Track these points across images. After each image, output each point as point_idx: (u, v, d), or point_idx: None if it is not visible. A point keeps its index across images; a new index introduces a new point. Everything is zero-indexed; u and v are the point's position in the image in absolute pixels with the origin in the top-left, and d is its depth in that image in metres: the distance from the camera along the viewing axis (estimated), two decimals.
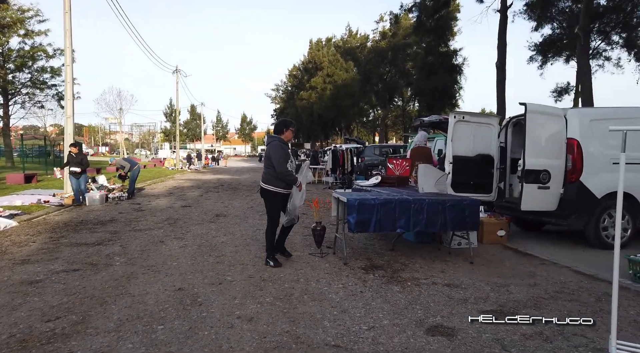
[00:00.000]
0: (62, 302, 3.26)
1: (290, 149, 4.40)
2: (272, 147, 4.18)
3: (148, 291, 3.50)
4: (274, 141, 4.23)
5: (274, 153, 4.13)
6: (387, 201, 4.24)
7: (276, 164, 4.09)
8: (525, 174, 5.04)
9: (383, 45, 28.28)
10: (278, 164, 4.08)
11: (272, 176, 4.18)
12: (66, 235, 5.97)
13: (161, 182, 16.64)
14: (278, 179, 4.16)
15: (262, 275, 3.94)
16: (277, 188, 4.21)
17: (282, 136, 4.28)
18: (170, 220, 7.17)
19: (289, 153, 4.20)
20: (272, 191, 4.22)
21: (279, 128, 4.34)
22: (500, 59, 13.15)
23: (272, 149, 4.16)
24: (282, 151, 4.14)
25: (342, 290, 3.47)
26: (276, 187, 4.20)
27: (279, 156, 4.10)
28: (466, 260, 4.57)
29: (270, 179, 4.20)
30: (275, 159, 4.10)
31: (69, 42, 11.70)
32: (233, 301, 3.26)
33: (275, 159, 4.10)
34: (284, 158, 4.10)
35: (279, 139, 4.25)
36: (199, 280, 3.83)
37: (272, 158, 4.13)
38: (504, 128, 6.31)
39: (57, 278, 3.91)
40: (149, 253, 4.86)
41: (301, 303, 3.19)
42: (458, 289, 3.52)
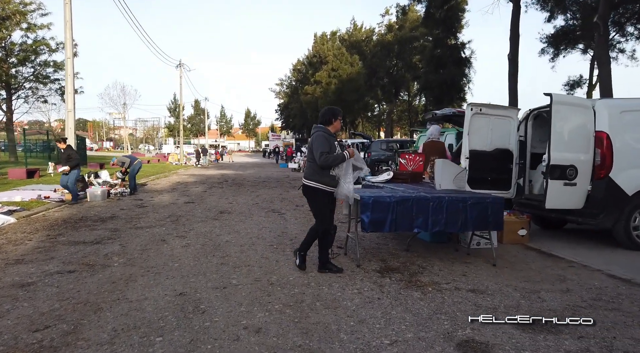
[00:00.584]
0: (54, 308, 3.00)
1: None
2: (316, 137, 3.64)
3: (147, 297, 3.23)
4: (318, 131, 3.69)
5: (316, 144, 3.59)
6: (404, 199, 3.93)
7: (317, 156, 3.56)
8: (550, 169, 4.70)
9: (389, 38, 27.72)
10: (319, 156, 3.53)
11: (314, 170, 3.66)
12: (64, 232, 5.72)
13: (165, 177, 16.43)
14: (322, 174, 3.62)
15: (269, 278, 3.66)
16: (320, 185, 3.64)
17: (329, 126, 3.74)
18: (173, 217, 6.92)
19: (335, 145, 3.66)
20: (314, 187, 3.65)
21: (327, 117, 3.75)
22: (512, 51, 12.69)
23: (316, 140, 3.62)
24: (327, 142, 3.58)
25: (357, 296, 3.18)
26: (318, 183, 3.63)
27: (321, 147, 3.54)
28: (488, 261, 4.26)
29: (312, 174, 3.66)
30: (316, 150, 3.57)
31: (69, 34, 11.44)
32: (239, 308, 2.98)
33: (317, 151, 3.56)
34: (327, 150, 3.54)
35: (324, 130, 3.71)
36: (202, 283, 3.55)
37: (313, 149, 3.62)
38: (524, 121, 5.95)
39: (51, 280, 3.66)
40: (149, 253, 4.60)
41: (313, 311, 2.91)
42: (484, 295, 3.22)
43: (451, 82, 18.57)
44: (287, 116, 51.91)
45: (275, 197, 9.86)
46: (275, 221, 6.62)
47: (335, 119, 3.76)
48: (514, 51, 12.62)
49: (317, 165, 3.61)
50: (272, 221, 6.61)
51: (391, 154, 16.53)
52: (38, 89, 25.69)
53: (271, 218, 6.85)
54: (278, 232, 5.73)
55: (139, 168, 10.55)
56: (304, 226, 6.19)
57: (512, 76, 12.72)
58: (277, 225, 6.25)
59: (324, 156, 3.53)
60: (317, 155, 3.56)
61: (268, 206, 8.35)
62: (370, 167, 16.27)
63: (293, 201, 9.03)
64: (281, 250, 4.73)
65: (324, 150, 3.55)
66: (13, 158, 23.60)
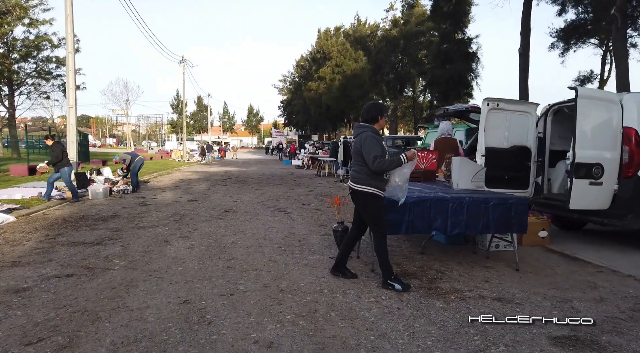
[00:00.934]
0: (49, 318, 2.79)
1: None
2: (365, 139, 3.27)
3: (149, 305, 3.02)
4: (366, 131, 3.32)
5: (366, 146, 3.23)
6: (421, 200, 3.68)
7: (369, 161, 3.20)
8: (575, 168, 4.43)
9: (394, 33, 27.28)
10: (372, 161, 3.18)
11: (366, 174, 3.30)
12: (64, 232, 5.53)
13: (167, 174, 16.25)
14: (375, 177, 3.29)
15: (279, 284, 3.43)
16: (374, 189, 3.28)
17: (375, 124, 3.39)
18: (176, 216, 6.71)
19: (384, 147, 3.34)
20: (367, 192, 3.29)
21: (373, 114, 3.39)
22: (523, 45, 12.34)
23: (365, 142, 3.25)
24: (378, 144, 3.25)
25: (375, 306, 2.95)
26: (371, 187, 3.28)
27: (373, 151, 3.19)
28: (509, 265, 4.01)
29: (363, 179, 3.30)
30: (367, 154, 3.21)
31: (70, 29, 11.20)
32: (248, 318, 2.76)
33: (368, 155, 3.20)
34: (379, 153, 3.21)
35: (373, 130, 3.36)
36: (207, 289, 3.33)
37: (363, 152, 3.24)
38: (543, 117, 5.67)
39: (47, 285, 3.45)
40: (151, 255, 4.38)
41: (329, 322, 2.68)
42: (512, 305, 2.97)
43: (458, 78, 18.22)
44: (290, 112, 51.52)
45: (281, 195, 9.64)
46: (282, 220, 6.40)
47: (381, 116, 3.43)
48: (525, 45, 12.27)
49: (368, 169, 3.26)
50: (278, 220, 6.39)
51: (397, 152, 16.25)
52: (40, 85, 25.57)
53: (277, 218, 6.63)
54: (285, 233, 5.50)
55: (140, 165, 10.35)
56: (312, 226, 5.97)
57: (522, 70, 12.37)
58: (284, 225, 6.02)
59: (378, 160, 3.18)
60: (369, 159, 3.20)
61: (274, 204, 8.13)
62: None
63: (299, 200, 8.80)
64: (289, 252, 4.50)
65: (377, 154, 3.20)
66: (15, 154, 23.51)
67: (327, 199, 7.76)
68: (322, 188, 11.46)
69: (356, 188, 3.35)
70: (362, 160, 3.30)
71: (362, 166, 3.32)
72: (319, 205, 8.06)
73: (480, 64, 18.75)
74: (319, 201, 8.57)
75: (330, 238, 5.15)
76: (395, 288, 3.24)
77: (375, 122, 3.40)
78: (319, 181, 13.55)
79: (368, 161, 3.23)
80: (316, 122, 43.37)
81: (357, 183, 3.34)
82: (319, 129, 45.95)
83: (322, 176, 15.57)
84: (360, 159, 3.33)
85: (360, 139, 3.31)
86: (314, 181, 13.57)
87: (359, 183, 3.33)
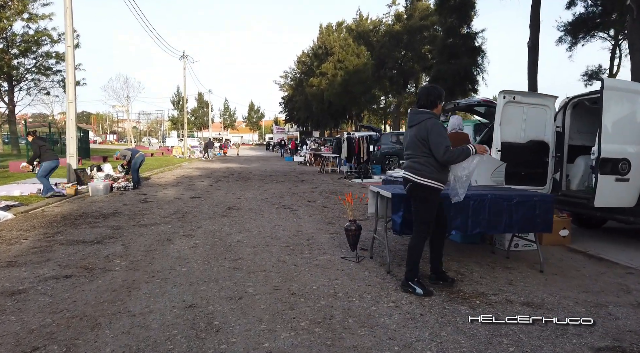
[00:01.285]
0: (45, 324, 2.59)
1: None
2: (432, 126, 2.92)
3: (152, 309, 2.81)
4: (430, 118, 2.97)
5: (435, 135, 2.89)
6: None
7: (438, 151, 2.88)
8: (600, 163, 4.20)
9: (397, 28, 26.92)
10: (443, 151, 2.86)
11: (432, 166, 2.97)
12: (63, 230, 5.33)
13: (169, 171, 16.04)
14: (441, 170, 3.00)
15: (290, 287, 3.22)
16: (436, 183, 3.00)
17: (434, 110, 3.05)
18: (179, 214, 6.50)
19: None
20: (429, 186, 2.99)
21: (432, 98, 3.04)
22: (532, 38, 12.03)
23: (432, 130, 2.91)
24: (445, 131, 2.96)
25: (395, 311, 2.73)
26: (435, 181, 2.99)
27: (444, 140, 2.89)
28: (532, 266, 3.79)
29: (428, 171, 2.98)
30: (437, 143, 2.88)
31: (69, 22, 10.93)
32: (259, 325, 2.55)
33: (438, 144, 2.88)
34: (449, 142, 2.93)
35: (435, 115, 3.03)
36: (213, 292, 3.13)
37: (430, 142, 2.92)
38: (562, 110, 5.43)
39: (44, 287, 3.25)
40: (154, 254, 4.18)
41: (347, 330, 2.47)
42: (544, 311, 2.76)
43: (464, 73, 17.91)
44: (291, 109, 51.22)
45: (285, 192, 9.43)
46: (287, 218, 6.19)
47: (440, 100, 3.09)
48: (534, 38, 11.98)
49: (434, 160, 2.96)
50: (284, 218, 6.18)
51: (401, 148, 16.00)
52: (40, 80, 25.32)
53: (283, 215, 6.41)
54: (292, 231, 5.29)
55: (141, 161, 10.13)
56: (319, 224, 5.75)
57: (532, 64, 12.09)
58: (290, 223, 5.81)
59: (449, 151, 2.88)
60: (439, 149, 2.88)
61: (278, 201, 7.91)
62: (380, 161, 15.76)
63: (304, 197, 8.59)
64: (298, 252, 4.29)
65: (448, 143, 2.90)
66: (15, 150, 23.32)
67: (338, 198, 7.55)
68: (326, 184, 11.24)
69: (419, 180, 3.00)
70: (426, 150, 2.97)
71: (427, 157, 2.98)
72: (324, 202, 7.85)
73: (487, 59, 18.46)
74: (325, 198, 8.36)
75: (340, 237, 4.95)
76: (416, 291, 3.02)
77: (434, 108, 3.06)
78: (323, 178, 13.33)
79: (437, 151, 2.90)
80: (317, 118, 43.08)
81: (421, 175, 2.99)
82: (320, 125, 45.66)
83: (326, 173, 15.35)
84: (424, 149, 2.98)
85: (426, 126, 2.95)
86: (317, 178, 13.35)
87: (422, 176, 2.99)
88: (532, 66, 12.19)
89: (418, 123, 3.03)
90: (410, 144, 3.11)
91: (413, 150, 3.07)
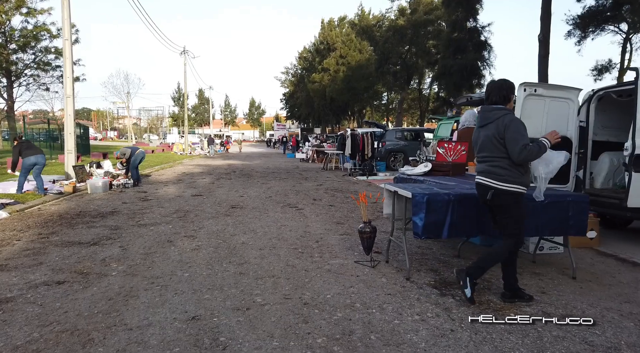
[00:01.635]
0: (31, 339, 2.32)
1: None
2: (509, 123, 2.61)
3: (151, 322, 2.54)
4: (507, 114, 2.67)
5: (513, 132, 2.59)
6: (466, 197, 3.17)
7: (515, 150, 2.57)
8: (634, 160, 3.90)
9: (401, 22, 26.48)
10: (519, 150, 2.56)
11: (514, 169, 2.66)
12: (58, 230, 5.06)
13: (169, 168, 15.77)
14: (521, 171, 2.70)
15: (302, 296, 2.95)
16: (520, 187, 2.69)
17: (507, 105, 2.78)
18: (180, 213, 6.22)
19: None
20: (517, 192, 2.68)
21: (505, 93, 2.76)
22: (543, 31, 11.68)
23: (510, 127, 2.60)
24: (524, 128, 2.65)
25: (422, 326, 2.45)
26: (519, 185, 2.68)
27: (523, 138, 2.59)
28: (562, 272, 3.51)
29: (511, 175, 2.66)
30: (514, 141, 2.57)
31: (66, 14, 10.61)
32: (270, 342, 2.27)
33: (515, 142, 2.57)
34: (528, 140, 2.61)
35: (511, 111, 2.75)
36: (219, 301, 2.85)
37: (508, 141, 2.61)
38: (585, 104, 5.12)
39: (34, 295, 2.98)
40: (153, 257, 3.91)
41: (370, 349, 2.19)
42: (589, 326, 2.47)
43: (471, 68, 17.53)
44: (292, 105, 50.78)
45: (289, 190, 9.14)
46: (294, 218, 5.90)
47: (513, 94, 2.83)
48: (545, 32, 11.62)
49: (511, 161, 2.65)
50: (290, 218, 5.89)
51: (406, 144, 15.68)
52: (39, 76, 25.01)
53: (289, 215, 6.13)
54: (300, 232, 5.01)
55: (141, 159, 9.84)
56: (327, 224, 5.47)
57: (542, 58, 11.74)
58: (297, 223, 5.53)
59: (526, 149, 2.57)
60: (515, 148, 2.58)
61: (283, 200, 7.63)
62: (385, 158, 15.45)
63: (309, 195, 8.30)
64: (308, 255, 4.01)
65: (527, 141, 2.56)
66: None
67: (352, 197, 7.25)
68: (330, 182, 10.95)
69: (504, 187, 2.66)
70: (501, 151, 2.66)
71: (507, 159, 2.66)
72: (330, 200, 7.56)
73: (493, 53, 18.07)
74: (331, 197, 8.08)
75: (351, 238, 4.67)
76: (466, 291, 2.76)
77: (507, 103, 2.78)
78: (327, 175, 13.04)
79: (512, 149, 2.59)
80: (319, 115, 42.67)
81: (504, 180, 2.66)
82: (322, 122, 45.24)
83: (329, 170, 15.06)
84: (504, 150, 2.65)
85: (504, 123, 2.62)
86: (321, 175, 13.07)
87: (506, 181, 2.66)
88: (542, 60, 11.84)
89: (493, 121, 2.70)
90: (485, 146, 2.77)
91: (490, 152, 2.74)
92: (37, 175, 7.77)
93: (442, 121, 12.85)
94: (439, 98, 26.53)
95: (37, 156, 7.72)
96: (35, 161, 7.64)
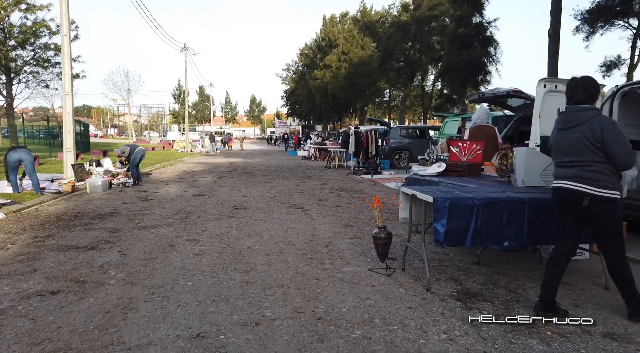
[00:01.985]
0: None
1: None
2: (607, 125, 2.40)
3: (151, 339, 2.32)
4: (599, 115, 2.47)
5: (614, 135, 2.37)
6: (491, 202, 2.93)
7: (619, 155, 2.37)
8: None
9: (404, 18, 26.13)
10: (627, 156, 2.37)
11: (613, 174, 2.45)
12: (55, 233, 4.84)
13: (170, 166, 15.55)
14: (620, 177, 2.50)
15: (315, 309, 2.72)
16: (619, 193, 2.49)
17: (593, 104, 2.56)
18: (182, 214, 6.00)
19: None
20: (615, 198, 2.45)
21: (592, 91, 2.54)
22: (553, 26, 11.38)
23: (608, 130, 2.38)
24: (620, 129, 2.44)
25: (451, 347, 2.22)
26: (619, 191, 2.48)
27: (623, 137, 2.39)
28: (592, 281, 3.29)
29: (611, 181, 2.44)
30: (618, 145, 2.36)
31: (65, 9, 10.34)
32: None
33: (620, 147, 2.36)
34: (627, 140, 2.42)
35: (600, 111, 2.58)
36: (225, 315, 2.63)
37: (607, 142, 2.37)
38: (609, 100, 4.87)
39: (26, 307, 2.76)
40: (154, 264, 3.68)
41: None
42: (631, 345, 2.24)
43: (476, 64, 17.23)
44: (293, 102, 50.45)
45: (293, 189, 8.91)
46: (300, 219, 5.67)
47: (599, 92, 2.61)
48: (555, 26, 11.32)
49: (612, 167, 2.43)
50: (296, 219, 5.66)
51: (411, 142, 15.41)
52: (39, 73, 24.75)
53: (295, 216, 5.90)
54: (307, 235, 4.78)
55: (141, 157, 9.61)
56: (335, 226, 5.24)
57: (552, 54, 11.44)
58: (303, 225, 5.30)
59: (633, 152, 2.38)
60: (621, 153, 2.37)
61: (287, 200, 7.40)
62: (389, 156, 15.19)
63: (314, 195, 8.07)
64: (318, 261, 3.78)
65: (628, 144, 2.34)
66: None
67: (365, 200, 7.01)
68: (335, 181, 10.71)
69: (600, 193, 2.42)
70: (603, 155, 2.41)
71: (606, 164, 2.42)
72: (337, 201, 7.33)
73: (500, 49, 17.75)
74: (336, 197, 7.84)
75: (362, 242, 4.44)
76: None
77: (594, 102, 2.56)
78: (330, 174, 12.80)
79: (616, 156, 2.37)
80: (320, 112, 42.36)
81: (603, 186, 2.42)
82: (323, 119, 44.92)
83: (332, 168, 14.82)
84: (599, 154, 2.42)
85: (600, 125, 2.40)
86: (324, 174, 12.83)
87: (605, 187, 2.42)
88: (552, 56, 11.55)
89: (583, 122, 2.47)
90: (575, 149, 2.52)
91: (582, 156, 2.49)
92: (31, 173, 7.54)
93: (448, 119, 12.58)
94: (442, 95, 26.22)
95: (18, 150, 7.47)
96: (18, 156, 7.35)
